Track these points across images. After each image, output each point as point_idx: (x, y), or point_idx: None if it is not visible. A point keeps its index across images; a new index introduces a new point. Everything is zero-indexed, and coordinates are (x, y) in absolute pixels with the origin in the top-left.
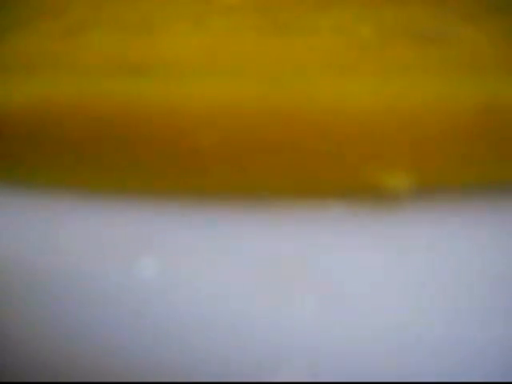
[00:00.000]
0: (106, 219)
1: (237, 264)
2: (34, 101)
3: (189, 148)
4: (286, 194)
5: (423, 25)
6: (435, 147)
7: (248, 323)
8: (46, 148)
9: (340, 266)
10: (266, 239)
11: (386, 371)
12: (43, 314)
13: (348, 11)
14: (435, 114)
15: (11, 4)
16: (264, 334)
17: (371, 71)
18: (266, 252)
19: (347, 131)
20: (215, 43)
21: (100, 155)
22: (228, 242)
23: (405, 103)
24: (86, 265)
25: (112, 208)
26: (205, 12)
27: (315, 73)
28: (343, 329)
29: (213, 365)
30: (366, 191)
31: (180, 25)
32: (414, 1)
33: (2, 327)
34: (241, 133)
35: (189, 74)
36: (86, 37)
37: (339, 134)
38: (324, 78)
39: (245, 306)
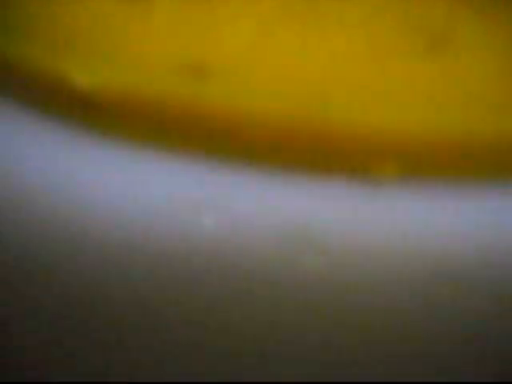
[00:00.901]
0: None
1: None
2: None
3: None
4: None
5: (432, 22)
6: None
7: None
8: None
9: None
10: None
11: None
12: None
13: (363, 6)
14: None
15: None
16: None
17: (378, 88)
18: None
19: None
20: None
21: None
22: None
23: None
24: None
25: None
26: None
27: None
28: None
29: None
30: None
31: (242, 23)
32: None
33: None
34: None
35: (245, 80)
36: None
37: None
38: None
39: None
